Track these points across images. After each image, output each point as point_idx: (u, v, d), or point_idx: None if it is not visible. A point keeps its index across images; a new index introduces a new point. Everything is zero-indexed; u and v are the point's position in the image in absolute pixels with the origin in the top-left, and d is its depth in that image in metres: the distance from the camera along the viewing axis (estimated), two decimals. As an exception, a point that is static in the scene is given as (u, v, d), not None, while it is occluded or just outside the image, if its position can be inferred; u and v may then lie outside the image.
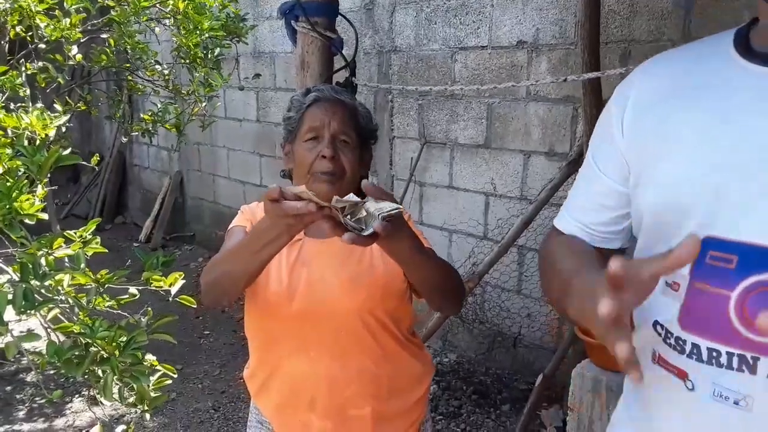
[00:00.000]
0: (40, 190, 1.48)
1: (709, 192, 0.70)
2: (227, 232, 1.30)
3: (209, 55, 3.13)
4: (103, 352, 1.31)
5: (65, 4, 2.57)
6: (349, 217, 0.90)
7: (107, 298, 1.63)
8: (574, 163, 2.50)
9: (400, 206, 0.91)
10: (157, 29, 3.24)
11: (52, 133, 1.60)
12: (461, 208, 3.24)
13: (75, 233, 1.54)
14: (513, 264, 3.02)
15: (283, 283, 1.22)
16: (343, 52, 1.68)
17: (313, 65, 1.48)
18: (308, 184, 1.25)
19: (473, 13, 2.99)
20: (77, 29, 2.65)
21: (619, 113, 0.83)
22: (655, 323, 0.76)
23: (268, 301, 1.22)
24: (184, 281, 1.75)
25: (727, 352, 0.67)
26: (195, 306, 1.75)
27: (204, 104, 3.26)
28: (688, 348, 0.70)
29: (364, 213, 0.89)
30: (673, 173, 0.74)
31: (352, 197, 0.91)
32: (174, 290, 1.69)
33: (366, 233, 0.89)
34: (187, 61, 3.14)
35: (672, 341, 0.73)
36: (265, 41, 4.35)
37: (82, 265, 1.36)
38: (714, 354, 0.69)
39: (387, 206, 0.90)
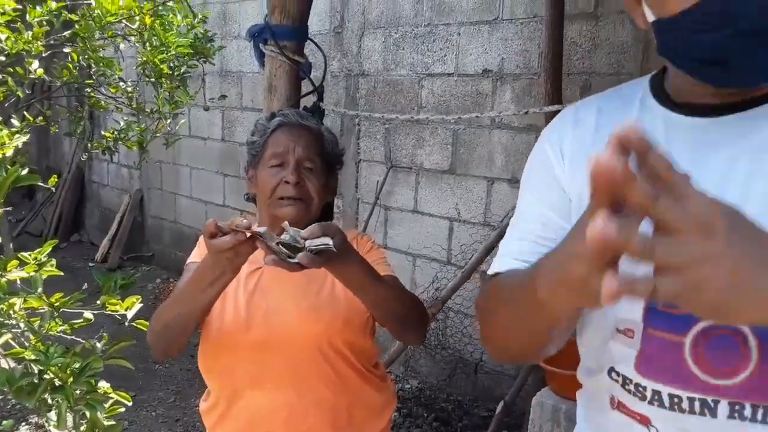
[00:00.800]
0: (-7, 210, 1.43)
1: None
2: (185, 267, 1.28)
3: (175, 73, 3.10)
4: (56, 380, 1.26)
5: (27, 17, 2.52)
6: (285, 244, 0.96)
7: (60, 323, 1.58)
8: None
9: (330, 244, 0.96)
10: (122, 45, 3.19)
11: (10, 152, 1.55)
12: (426, 233, 3.25)
13: (30, 255, 1.48)
14: (475, 290, 3.03)
15: (241, 312, 1.20)
16: (312, 75, 1.68)
17: (280, 89, 1.48)
18: (271, 209, 1.24)
19: (440, 41, 3.05)
20: (39, 43, 2.59)
21: (556, 149, 0.81)
22: (611, 370, 0.76)
23: (224, 331, 1.19)
24: (141, 304, 1.71)
25: (688, 397, 0.68)
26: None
27: (168, 122, 3.21)
28: (648, 394, 0.71)
29: (303, 244, 0.97)
30: None
31: (290, 230, 0.98)
32: (130, 314, 1.65)
33: (291, 261, 0.95)
34: (153, 78, 3.10)
35: (631, 387, 0.73)
36: (233, 60, 4.33)
37: (39, 290, 1.31)
38: (676, 400, 0.70)
39: (320, 242, 0.96)
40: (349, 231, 1.38)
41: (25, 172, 1.34)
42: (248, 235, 0.96)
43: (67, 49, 2.86)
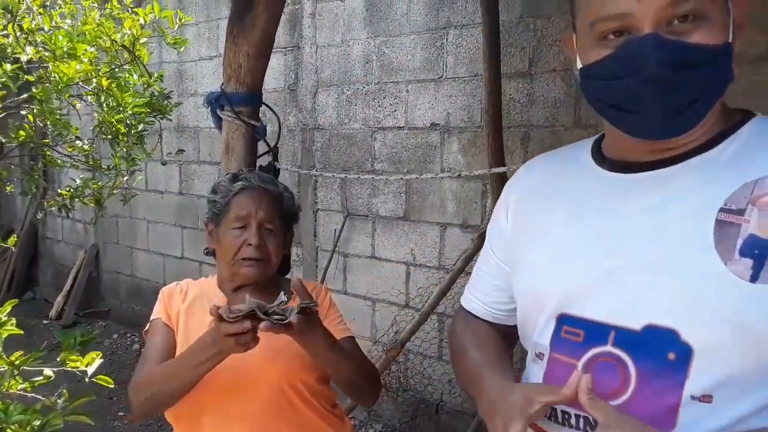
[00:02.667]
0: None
1: (565, 277, 0.84)
2: (149, 326, 1.35)
3: (132, 131, 3.16)
4: (17, 438, 1.28)
5: (-18, 79, 2.57)
6: (274, 311, 1.09)
7: (20, 381, 1.60)
8: (485, 235, 2.69)
9: (316, 303, 1.10)
10: (78, 105, 3.25)
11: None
12: (384, 278, 3.35)
13: (-11, 315, 1.51)
14: (433, 331, 3.13)
15: None
16: (270, 131, 1.79)
17: (237, 150, 1.58)
18: (234, 268, 1.33)
19: (390, 97, 3.22)
20: (-4, 105, 2.64)
21: (505, 205, 0.99)
22: None
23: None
24: (102, 360, 1.74)
25: (575, 414, 0.79)
26: (112, 386, 1.74)
27: (126, 178, 3.26)
28: (548, 410, 0.81)
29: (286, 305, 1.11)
30: (538, 263, 0.89)
31: (282, 297, 1.11)
32: (91, 370, 1.67)
33: (283, 322, 1.08)
34: (109, 136, 3.16)
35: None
36: (189, 116, 4.42)
37: (0, 350, 1.35)
38: (566, 416, 0.80)
39: (305, 302, 1.11)
40: (308, 282, 1.48)
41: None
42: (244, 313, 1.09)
43: (24, 111, 2.91)
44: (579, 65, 0.83)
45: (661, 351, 0.74)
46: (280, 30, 3.20)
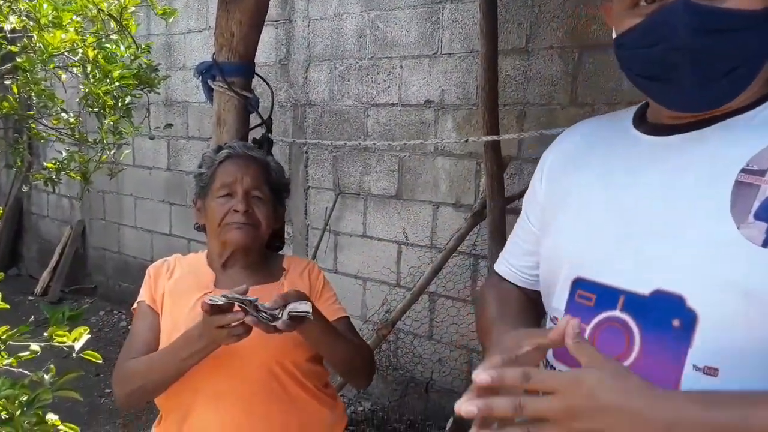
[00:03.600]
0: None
1: (581, 241, 0.82)
2: (135, 309, 1.33)
3: (119, 104, 3.09)
4: (4, 413, 1.25)
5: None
6: (265, 310, 1.08)
7: (5, 356, 1.56)
8: (478, 215, 2.68)
9: (310, 312, 1.08)
10: (63, 77, 3.17)
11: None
12: (375, 257, 3.33)
13: (-27, 288, 1.47)
14: (424, 311, 3.12)
15: None
16: (261, 106, 1.75)
17: (229, 122, 1.54)
18: (221, 235, 1.29)
19: (384, 73, 3.17)
20: (-23, 75, 2.56)
21: (540, 171, 0.97)
22: None
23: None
24: (89, 336, 1.70)
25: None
26: (99, 362, 1.71)
27: (112, 152, 3.19)
28: (543, 361, 0.81)
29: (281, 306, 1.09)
30: (561, 227, 0.87)
31: (277, 300, 1.10)
32: (78, 346, 1.64)
33: (270, 323, 1.07)
34: (96, 108, 3.08)
35: (548, 369, 0.83)
36: (178, 90, 4.34)
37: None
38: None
39: (301, 307, 1.08)
40: (301, 260, 1.45)
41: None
42: (237, 307, 1.08)
43: (7, 82, 2.83)
44: (614, 35, 0.81)
45: (666, 317, 0.72)
46: (271, 2, 3.13)
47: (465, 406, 0.63)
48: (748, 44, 0.71)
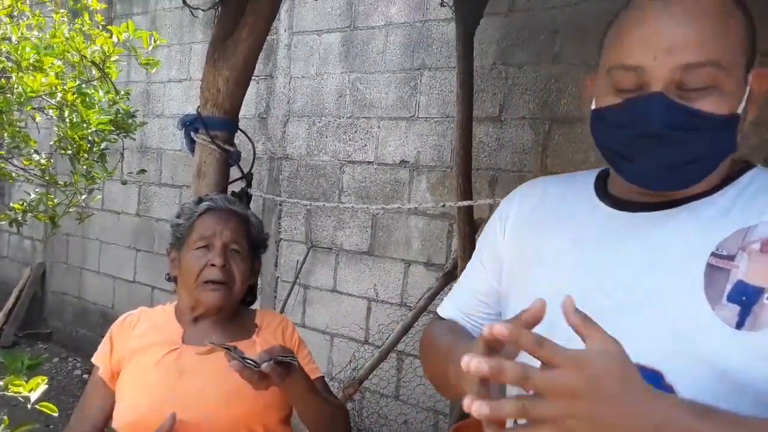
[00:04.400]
0: None
1: (555, 308, 0.84)
2: (93, 368, 1.30)
3: (94, 148, 3.08)
4: (-50, 469, 1.18)
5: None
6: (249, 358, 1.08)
7: (-46, 406, 1.49)
8: (450, 275, 2.71)
9: (296, 358, 1.09)
10: (38, 118, 3.15)
11: None
12: (344, 312, 3.31)
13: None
14: (392, 369, 3.09)
15: (158, 395, 1.21)
16: (242, 159, 1.77)
17: (210, 175, 1.55)
18: (196, 293, 1.28)
19: (361, 132, 3.24)
20: (-49, 113, 2.53)
21: (502, 221, 0.98)
22: None
23: (141, 415, 1.19)
24: (47, 386, 1.64)
25: None
26: (55, 414, 1.64)
27: (83, 197, 3.15)
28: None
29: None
30: (539, 292, 0.88)
31: (262, 356, 1.09)
32: (34, 397, 1.58)
33: (257, 369, 1.06)
34: (69, 151, 3.06)
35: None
36: (153, 137, 4.34)
37: (-59, 370, 1.25)
38: None
39: (287, 355, 1.09)
40: (274, 315, 1.44)
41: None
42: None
43: (-19, 121, 2.80)
44: (593, 106, 0.85)
45: None
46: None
47: (475, 361, 0.60)
48: (710, 142, 0.77)
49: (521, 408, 0.59)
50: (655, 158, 0.77)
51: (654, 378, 0.73)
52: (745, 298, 0.72)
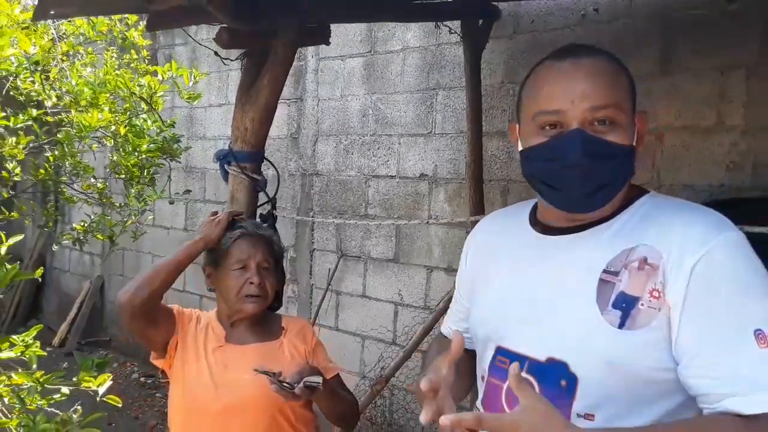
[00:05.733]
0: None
1: (501, 319, 1.07)
2: None
3: (145, 173, 3.43)
4: (41, 445, 1.49)
5: (10, 121, 2.84)
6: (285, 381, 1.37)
7: (38, 398, 1.80)
8: (465, 279, 2.92)
9: (320, 382, 1.37)
10: (95, 147, 3.52)
11: (4, 249, 1.84)
12: (373, 316, 3.56)
13: (18, 338, 1.74)
14: (417, 368, 3.32)
15: (210, 381, 1.49)
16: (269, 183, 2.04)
17: (240, 200, 1.83)
18: (238, 305, 1.56)
19: (384, 148, 3.49)
20: (21, 147, 2.91)
21: (465, 255, 1.24)
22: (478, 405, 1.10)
23: (197, 395, 1.48)
24: (111, 382, 1.95)
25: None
26: (119, 405, 1.95)
27: (137, 217, 3.50)
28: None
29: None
30: (483, 307, 1.13)
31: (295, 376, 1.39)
32: (102, 390, 1.89)
33: (290, 390, 1.36)
34: (123, 175, 3.42)
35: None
36: (197, 158, 4.70)
37: (34, 366, 1.57)
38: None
39: (312, 379, 1.38)
40: (297, 321, 1.71)
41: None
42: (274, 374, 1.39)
43: (47, 153, 3.18)
44: (520, 147, 1.06)
45: (557, 378, 0.96)
46: (286, 83, 3.49)
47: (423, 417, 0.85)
48: (618, 168, 0.98)
49: None
50: (579, 185, 0.97)
51: (563, 368, 0.96)
52: (625, 305, 0.94)
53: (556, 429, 0.82)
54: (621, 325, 0.93)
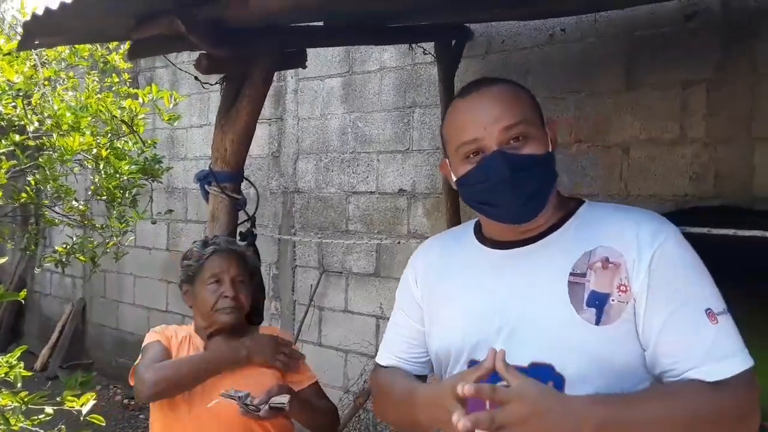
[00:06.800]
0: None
1: (470, 333, 1.10)
2: (144, 348, 1.62)
3: (127, 194, 3.46)
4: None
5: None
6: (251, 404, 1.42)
7: (23, 419, 1.83)
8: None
9: (285, 403, 1.41)
10: (76, 170, 3.55)
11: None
12: (356, 330, 3.60)
13: (2, 359, 1.76)
14: (400, 381, 3.36)
15: (186, 396, 1.54)
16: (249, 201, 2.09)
17: (221, 219, 1.88)
18: (214, 318, 1.61)
19: (363, 165, 3.57)
20: (4, 173, 2.93)
21: (413, 276, 1.24)
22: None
23: (174, 401, 1.52)
24: (95, 402, 1.98)
25: None
26: (103, 424, 1.98)
27: (119, 238, 3.52)
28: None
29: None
30: (447, 323, 1.15)
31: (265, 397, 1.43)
32: (85, 410, 1.91)
33: (257, 413, 1.40)
34: (104, 197, 3.44)
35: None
36: (179, 178, 4.73)
37: (19, 385, 1.60)
38: None
39: (279, 400, 1.42)
40: (273, 330, 1.76)
41: None
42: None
43: (29, 177, 3.20)
44: (454, 179, 1.14)
45: (543, 381, 0.99)
46: (266, 104, 3.56)
47: (462, 422, 0.90)
48: (541, 175, 1.07)
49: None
50: (512, 198, 1.05)
51: (547, 370, 1.01)
52: (598, 302, 1.01)
53: (555, 397, 0.94)
54: (597, 322, 1.00)
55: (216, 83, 2.03)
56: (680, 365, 0.97)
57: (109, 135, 3.28)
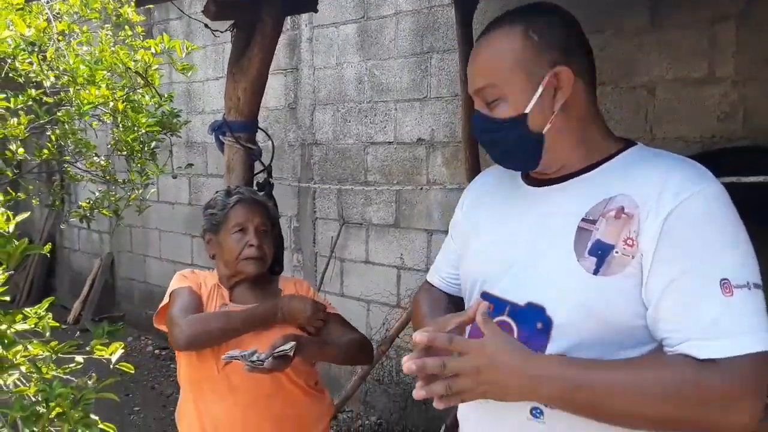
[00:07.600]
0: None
1: (486, 265, 1.12)
2: (175, 293, 1.63)
3: (146, 148, 3.47)
4: (59, 408, 1.57)
5: (11, 102, 2.88)
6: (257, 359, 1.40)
7: (54, 367, 1.89)
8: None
9: (288, 349, 1.40)
10: (95, 124, 3.56)
11: (12, 227, 1.90)
12: (377, 281, 3.63)
13: (31, 310, 1.81)
14: (421, 329, 3.40)
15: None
16: (266, 147, 2.07)
17: (236, 170, 1.87)
18: (239, 267, 1.62)
19: (381, 115, 3.51)
20: (23, 127, 2.95)
21: (462, 202, 1.29)
22: None
23: (202, 355, 1.55)
24: (123, 350, 2.03)
25: None
26: (132, 372, 2.04)
27: (140, 191, 3.56)
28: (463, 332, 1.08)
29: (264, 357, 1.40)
30: (474, 253, 1.18)
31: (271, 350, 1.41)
32: (114, 358, 1.97)
33: (260, 366, 1.38)
34: (124, 152, 3.46)
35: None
36: (198, 132, 4.74)
37: (47, 335, 1.64)
38: None
39: (282, 348, 1.40)
40: (293, 280, 1.77)
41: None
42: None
43: (48, 132, 3.22)
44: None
45: (534, 321, 1.01)
46: (280, 53, 3.49)
47: (407, 364, 0.91)
48: (509, 137, 1.05)
49: (447, 387, 0.91)
50: (491, 153, 1.11)
51: (540, 311, 1.01)
52: (600, 252, 0.98)
53: (518, 353, 0.93)
54: (596, 272, 0.97)
55: (226, 30, 1.99)
56: (676, 335, 0.91)
57: (125, 88, 3.26)
